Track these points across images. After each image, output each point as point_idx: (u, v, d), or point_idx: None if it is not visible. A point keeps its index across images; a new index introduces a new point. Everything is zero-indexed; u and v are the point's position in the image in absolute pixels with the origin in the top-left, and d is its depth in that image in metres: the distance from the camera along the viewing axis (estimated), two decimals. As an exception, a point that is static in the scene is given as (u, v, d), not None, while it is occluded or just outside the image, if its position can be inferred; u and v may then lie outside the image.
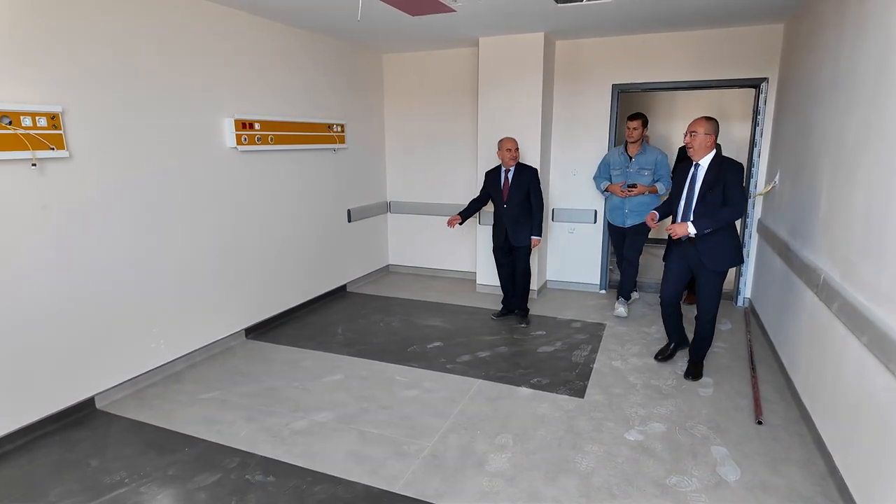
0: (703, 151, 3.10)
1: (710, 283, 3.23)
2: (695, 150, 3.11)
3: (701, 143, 3.07)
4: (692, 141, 3.10)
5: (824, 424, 2.58)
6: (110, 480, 2.43)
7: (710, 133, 3.06)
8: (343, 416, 2.99)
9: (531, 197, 4.22)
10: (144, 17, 3.13)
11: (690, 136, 3.10)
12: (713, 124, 3.08)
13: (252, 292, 4.16)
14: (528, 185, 4.21)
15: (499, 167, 4.31)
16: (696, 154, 3.12)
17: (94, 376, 3.05)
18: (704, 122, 3.08)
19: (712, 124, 3.08)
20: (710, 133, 3.06)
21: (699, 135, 3.07)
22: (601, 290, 5.32)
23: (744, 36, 4.44)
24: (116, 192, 3.07)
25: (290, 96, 4.37)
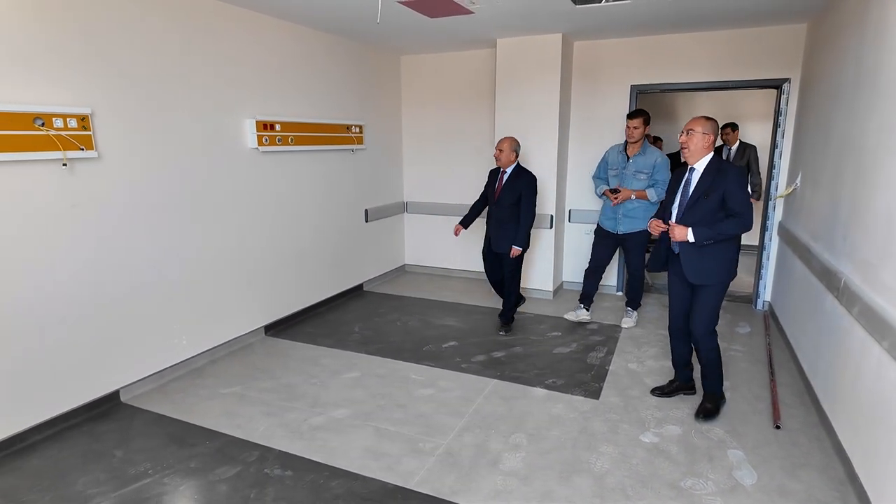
0: (700, 153, 2.77)
1: (700, 298, 2.85)
2: (690, 151, 2.78)
3: (697, 144, 2.75)
4: (688, 140, 2.77)
5: (844, 429, 2.55)
6: (135, 471, 2.50)
7: (709, 133, 2.75)
8: (360, 412, 3.03)
9: (522, 203, 4.01)
10: (169, 20, 3.22)
11: (687, 135, 2.78)
12: (713, 124, 2.78)
13: (271, 290, 4.23)
14: (521, 190, 4.01)
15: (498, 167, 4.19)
16: (692, 156, 2.79)
17: (119, 370, 3.14)
18: (703, 120, 2.78)
19: (712, 124, 2.77)
20: (709, 133, 2.75)
21: (696, 133, 2.74)
22: (618, 292, 5.29)
23: (766, 36, 4.39)
24: (142, 192, 3.15)
25: (310, 98, 4.44)
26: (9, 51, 2.50)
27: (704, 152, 2.77)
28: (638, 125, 3.98)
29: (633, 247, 4.25)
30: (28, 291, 2.66)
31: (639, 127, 3.98)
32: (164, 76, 3.21)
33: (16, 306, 2.62)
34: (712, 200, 2.72)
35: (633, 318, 4.38)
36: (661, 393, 3.23)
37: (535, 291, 5.21)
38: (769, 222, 4.64)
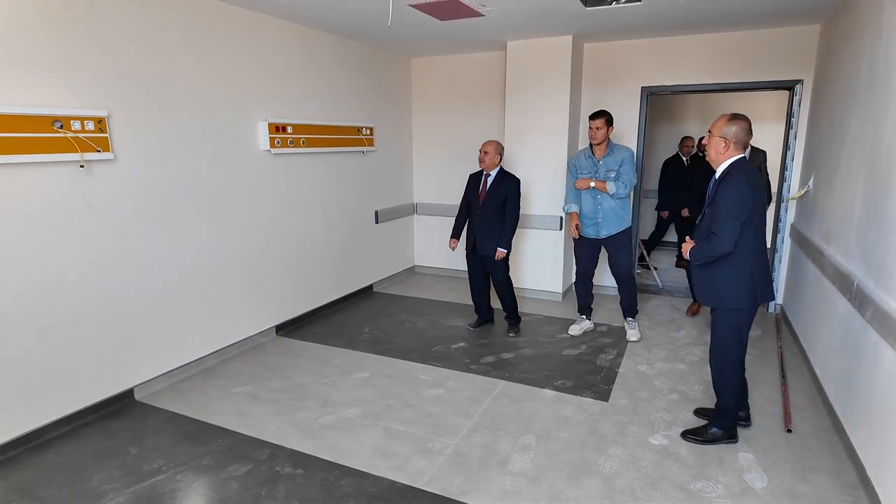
0: (716, 158, 2.50)
1: (712, 324, 2.65)
2: (709, 156, 2.56)
3: (713, 147, 2.49)
4: (706, 143, 2.56)
5: (856, 434, 2.53)
6: (148, 468, 2.54)
7: (724, 137, 2.44)
8: (369, 412, 3.06)
9: (507, 206, 4.03)
10: (184, 25, 3.27)
11: (706, 137, 2.55)
12: (732, 126, 2.44)
13: (282, 291, 4.28)
14: (506, 193, 4.03)
15: (482, 171, 4.15)
16: (711, 161, 2.55)
17: (134, 369, 3.19)
18: (722, 120, 2.48)
19: (730, 126, 2.44)
20: (724, 137, 2.44)
21: (712, 136, 2.49)
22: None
23: (778, 37, 4.36)
24: (156, 192, 3.20)
25: (321, 100, 4.48)
26: (28, 56, 2.55)
27: (723, 156, 2.48)
28: (601, 125, 3.86)
29: (618, 251, 4.04)
30: (45, 290, 2.72)
31: (601, 128, 3.86)
32: (178, 79, 3.26)
33: (33, 305, 2.68)
34: (709, 214, 2.50)
35: (636, 329, 4.14)
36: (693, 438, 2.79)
37: (545, 293, 5.21)
38: (781, 224, 4.60)
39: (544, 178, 4.97)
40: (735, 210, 2.36)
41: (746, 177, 2.40)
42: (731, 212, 2.37)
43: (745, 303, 2.49)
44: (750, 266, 2.45)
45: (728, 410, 2.70)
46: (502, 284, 4.23)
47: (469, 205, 4.22)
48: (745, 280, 2.46)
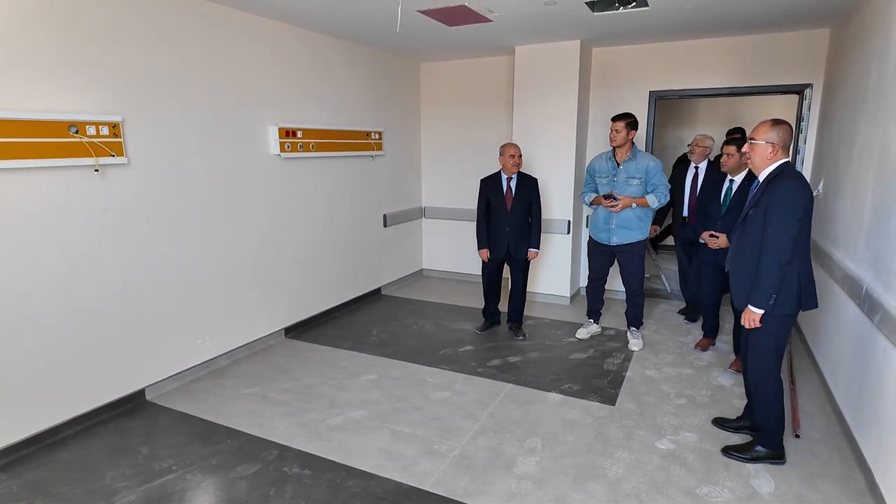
0: (762, 164, 2.44)
1: (753, 331, 2.50)
2: (752, 163, 2.49)
3: (759, 154, 2.43)
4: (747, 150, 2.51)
5: (865, 439, 2.51)
6: (159, 467, 2.58)
7: (772, 142, 2.39)
8: (377, 414, 3.08)
9: (532, 208, 4.08)
10: (197, 31, 3.33)
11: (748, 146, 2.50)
12: (780, 129, 2.39)
13: (292, 293, 4.32)
14: (531, 195, 4.07)
15: (496, 175, 4.13)
16: (755, 167, 2.50)
17: (145, 370, 3.25)
18: (765, 126, 2.42)
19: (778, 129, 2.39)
20: (772, 142, 2.39)
21: (756, 143, 2.44)
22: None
23: (788, 41, 4.35)
24: (169, 197, 3.26)
25: (331, 105, 4.53)
26: (44, 61, 2.62)
27: (767, 163, 2.41)
28: (621, 128, 3.76)
29: (629, 259, 3.95)
30: (60, 292, 2.78)
31: (621, 130, 3.76)
32: (191, 85, 3.32)
33: (50, 306, 2.74)
34: (757, 218, 2.40)
35: (639, 339, 4.05)
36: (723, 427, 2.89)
37: (553, 297, 5.21)
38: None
39: (553, 182, 4.98)
40: (801, 212, 2.28)
41: (800, 178, 2.36)
42: (797, 214, 2.28)
43: (790, 308, 2.39)
44: (797, 270, 2.36)
45: (772, 429, 2.56)
46: (524, 286, 4.27)
47: (489, 210, 4.12)
48: (793, 284, 2.37)
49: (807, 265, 2.41)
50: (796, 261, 2.35)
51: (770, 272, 2.32)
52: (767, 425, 2.57)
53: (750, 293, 2.41)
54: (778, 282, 2.33)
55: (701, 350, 3.95)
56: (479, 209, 4.18)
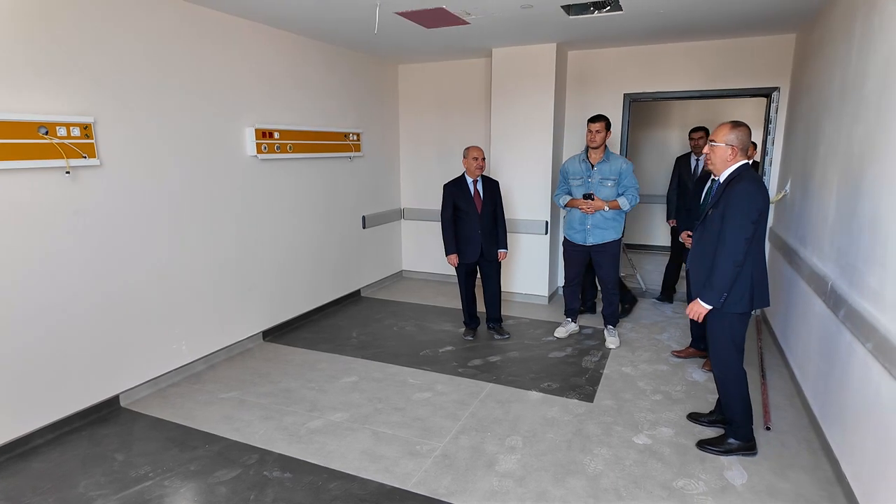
0: (722, 166, 2.53)
1: (709, 328, 2.64)
2: (713, 165, 2.58)
3: (719, 156, 2.52)
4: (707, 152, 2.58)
5: (832, 431, 2.61)
6: (135, 474, 2.53)
7: (731, 144, 2.47)
8: (357, 416, 3.07)
9: (497, 209, 4.14)
10: (170, 31, 3.28)
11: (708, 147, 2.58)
12: (738, 131, 2.48)
13: (269, 296, 4.28)
14: (496, 196, 4.12)
15: (461, 179, 4.07)
16: (715, 169, 2.57)
17: (120, 375, 3.18)
18: (725, 129, 2.52)
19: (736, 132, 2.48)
20: (731, 144, 2.47)
21: (716, 145, 2.52)
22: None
23: (756, 46, 4.49)
24: (143, 199, 3.20)
25: (308, 106, 4.51)
26: (13, 61, 2.55)
27: (727, 164, 2.49)
28: (600, 129, 3.81)
29: (605, 259, 4.02)
30: (30, 297, 2.70)
31: (601, 131, 3.82)
32: (164, 86, 3.27)
33: (18, 312, 2.66)
34: (715, 219, 2.48)
35: (616, 337, 4.12)
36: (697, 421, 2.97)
37: (531, 297, 5.26)
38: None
39: (530, 183, 5.04)
40: (754, 214, 2.36)
41: (756, 181, 2.42)
42: (751, 217, 2.35)
43: (742, 307, 2.49)
44: (750, 271, 2.45)
45: (741, 421, 2.64)
46: (499, 286, 4.31)
47: (458, 215, 4.05)
48: (746, 284, 2.46)
49: (760, 266, 2.50)
50: (749, 261, 2.44)
51: (724, 272, 2.42)
52: (736, 418, 2.66)
53: (702, 289, 2.51)
54: (731, 281, 2.43)
55: (681, 357, 3.88)
56: (444, 215, 4.06)
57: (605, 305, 4.20)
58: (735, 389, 2.63)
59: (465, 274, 4.23)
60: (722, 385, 2.68)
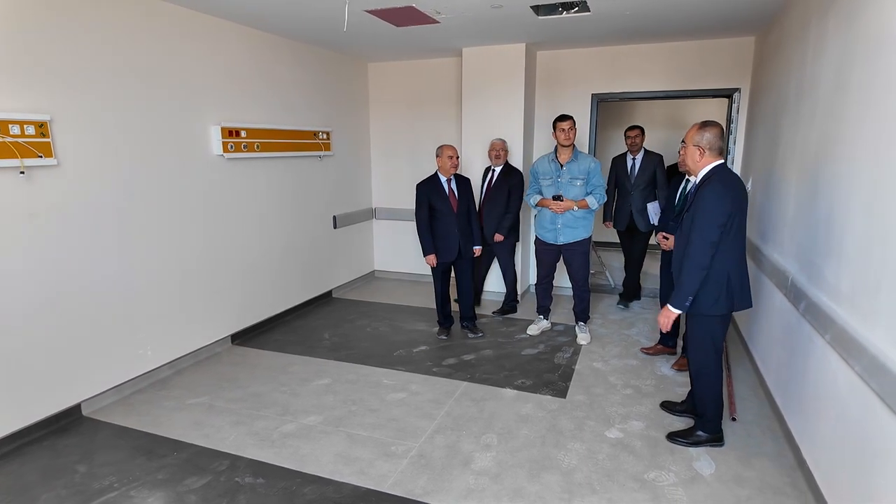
0: (694, 167, 2.55)
1: (688, 329, 2.71)
2: (686, 166, 2.65)
3: (690, 157, 2.56)
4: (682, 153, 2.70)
5: (793, 419, 2.71)
6: (99, 485, 2.44)
7: (698, 145, 2.50)
8: (331, 418, 3.04)
9: (470, 206, 4.17)
10: (130, 27, 3.17)
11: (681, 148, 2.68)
12: (707, 132, 2.50)
13: (238, 298, 4.19)
14: (469, 194, 4.15)
15: (434, 178, 4.07)
16: (689, 170, 2.65)
17: (81, 383, 3.06)
18: (694, 129, 2.55)
19: (705, 132, 2.50)
20: (698, 145, 2.50)
21: (687, 146, 2.57)
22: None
23: (717, 48, 4.62)
24: (103, 200, 3.09)
25: (276, 104, 4.43)
26: (-38, 55, 2.43)
27: (699, 165, 2.52)
28: (571, 127, 3.87)
29: (575, 257, 4.08)
30: (-17, 303, 2.58)
31: (573, 128, 3.88)
32: (126, 83, 3.16)
33: (-30, 319, 2.54)
34: (688, 220, 2.50)
35: (587, 333, 4.20)
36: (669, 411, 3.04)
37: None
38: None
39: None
40: (720, 217, 2.36)
41: (724, 183, 2.41)
42: (718, 220, 2.37)
43: (720, 309, 2.49)
44: (727, 271, 2.45)
45: (712, 416, 2.72)
46: (472, 283, 4.32)
47: (434, 214, 4.04)
48: (722, 285, 2.45)
49: (739, 267, 2.50)
50: (727, 264, 2.44)
51: (689, 276, 2.44)
52: (707, 413, 2.74)
53: (675, 297, 2.52)
54: (696, 286, 2.44)
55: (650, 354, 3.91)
56: (420, 215, 4.04)
57: (577, 303, 4.26)
58: (710, 387, 2.69)
59: (442, 273, 4.23)
60: (697, 381, 2.74)
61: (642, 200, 4.72)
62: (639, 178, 4.71)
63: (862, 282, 1.97)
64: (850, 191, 2.14)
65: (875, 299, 1.85)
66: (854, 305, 2.03)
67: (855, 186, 2.09)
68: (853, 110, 2.17)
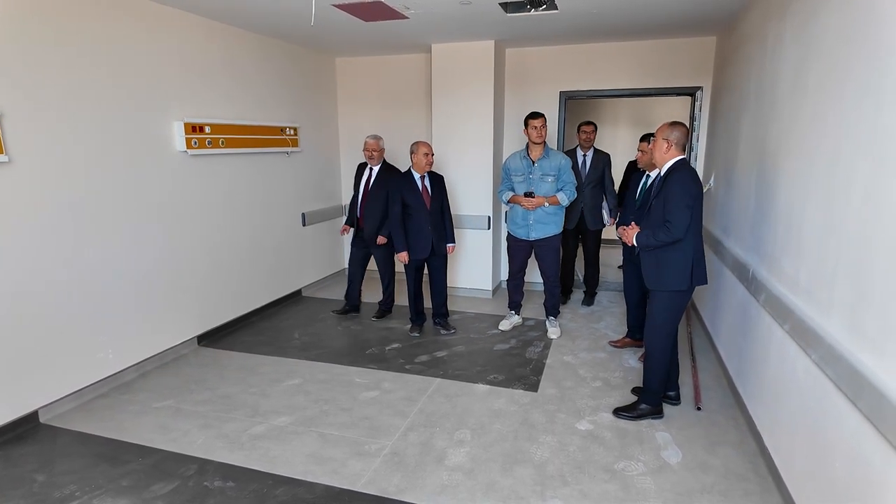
0: (661, 158, 2.80)
1: (653, 305, 2.90)
2: (654, 157, 2.87)
3: (657, 149, 2.80)
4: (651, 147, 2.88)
5: (754, 407, 2.81)
6: (59, 494, 2.35)
7: (667, 139, 2.75)
8: (302, 419, 3.00)
9: (444, 204, 4.17)
10: (86, 19, 3.05)
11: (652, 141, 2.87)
12: (675, 130, 2.75)
13: (204, 299, 4.08)
14: (443, 191, 4.15)
15: (407, 174, 4.04)
16: (656, 161, 2.87)
17: (37, 389, 2.93)
18: (664, 126, 2.79)
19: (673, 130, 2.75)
20: (667, 139, 2.75)
21: (656, 140, 2.81)
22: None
23: (680, 47, 4.73)
24: (59, 198, 2.96)
25: (241, 99, 4.33)
26: None
27: (665, 157, 2.76)
28: (543, 124, 3.91)
29: (547, 253, 4.13)
30: (-71, 308, 2.44)
31: (545, 125, 3.92)
32: (83, 76, 3.03)
33: (-85, 324, 2.40)
34: (657, 206, 2.75)
35: (557, 328, 4.26)
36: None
37: (475, 291, 5.33)
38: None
39: (473, 178, 5.09)
40: (689, 200, 2.65)
41: (691, 172, 2.73)
42: (686, 201, 2.64)
43: (683, 285, 2.76)
44: (691, 252, 2.73)
45: (655, 390, 2.96)
46: (446, 281, 4.32)
47: (407, 211, 4.02)
48: (687, 264, 2.74)
49: (699, 247, 2.77)
50: (690, 243, 2.73)
51: (659, 240, 2.72)
52: (652, 387, 2.95)
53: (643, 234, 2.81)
54: (658, 246, 2.75)
55: (617, 347, 4.00)
56: (393, 211, 4.03)
57: (547, 298, 4.31)
58: (659, 362, 2.91)
59: (415, 270, 4.21)
60: (649, 355, 2.94)
61: (592, 198, 4.72)
62: (590, 175, 4.73)
63: (818, 274, 2.06)
64: (807, 186, 2.23)
65: (831, 290, 1.94)
66: (811, 296, 2.11)
67: (812, 182, 2.18)
68: (809, 109, 2.26)
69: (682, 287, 2.77)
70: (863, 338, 1.69)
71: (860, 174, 1.77)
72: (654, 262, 2.81)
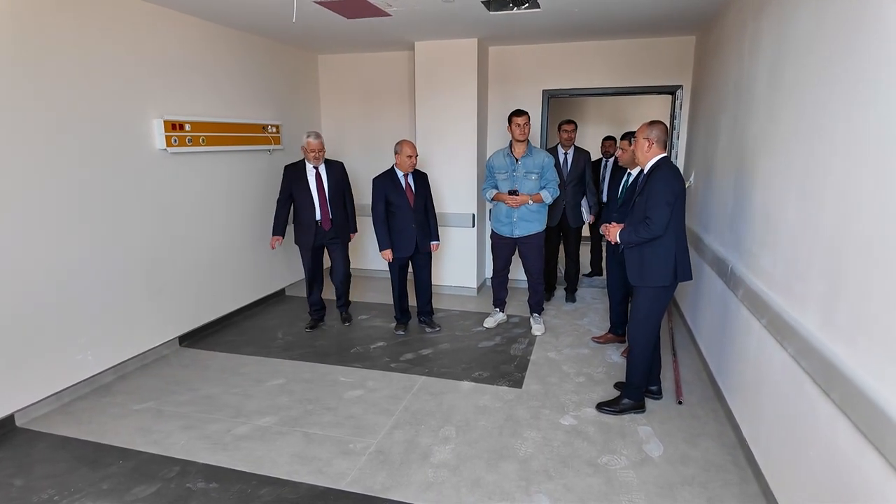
0: (643, 156, 2.84)
1: (637, 300, 2.92)
2: (636, 155, 2.90)
3: (639, 148, 2.85)
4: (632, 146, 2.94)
5: (733, 400, 2.86)
6: (38, 498, 2.31)
7: (648, 138, 2.80)
8: (287, 419, 2.98)
9: (428, 202, 4.17)
10: (63, 15, 2.98)
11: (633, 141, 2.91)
12: (655, 128, 2.80)
13: (185, 299, 4.03)
14: (426, 189, 4.15)
15: (391, 173, 4.02)
16: (637, 160, 2.90)
17: (13, 392, 2.87)
18: (644, 126, 2.84)
19: (653, 128, 2.80)
20: (648, 138, 2.80)
21: (637, 139, 2.86)
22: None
23: (660, 46, 4.79)
24: (34, 197, 2.90)
25: (223, 96, 4.27)
26: None
27: (647, 155, 2.81)
28: (527, 121, 3.94)
29: (530, 250, 4.16)
30: None
31: (528, 123, 3.95)
32: (59, 72, 2.97)
33: None
34: (641, 203, 2.79)
35: (541, 324, 4.28)
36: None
37: (460, 289, 5.34)
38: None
39: (457, 176, 5.09)
40: (669, 197, 2.68)
41: (673, 170, 2.78)
42: (666, 198, 2.68)
43: (667, 280, 2.80)
44: (674, 249, 2.78)
45: (637, 385, 3.00)
46: (429, 278, 4.32)
47: (390, 209, 4.00)
48: (671, 260, 2.78)
49: (682, 243, 2.82)
50: (672, 239, 2.76)
51: (641, 236, 2.76)
52: (635, 381, 2.99)
53: (626, 231, 2.84)
54: (638, 242, 2.80)
55: (600, 343, 4.04)
56: (376, 210, 3.99)
57: (531, 294, 4.34)
58: (642, 357, 2.95)
59: (399, 268, 4.21)
60: (633, 350, 2.98)
61: (574, 196, 4.77)
62: (571, 173, 4.77)
63: (794, 269, 2.10)
64: (783, 183, 2.28)
65: (806, 285, 1.98)
66: (787, 291, 2.16)
67: (788, 179, 2.22)
68: (785, 108, 2.31)
69: (665, 283, 2.82)
70: (836, 331, 1.74)
71: (834, 172, 1.81)
72: (638, 258, 2.85)
